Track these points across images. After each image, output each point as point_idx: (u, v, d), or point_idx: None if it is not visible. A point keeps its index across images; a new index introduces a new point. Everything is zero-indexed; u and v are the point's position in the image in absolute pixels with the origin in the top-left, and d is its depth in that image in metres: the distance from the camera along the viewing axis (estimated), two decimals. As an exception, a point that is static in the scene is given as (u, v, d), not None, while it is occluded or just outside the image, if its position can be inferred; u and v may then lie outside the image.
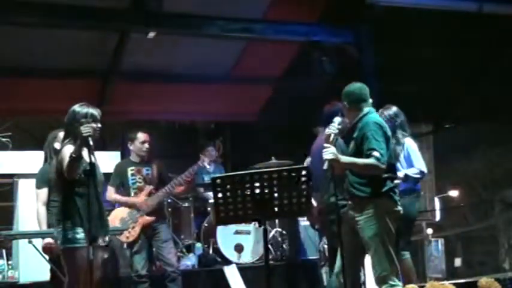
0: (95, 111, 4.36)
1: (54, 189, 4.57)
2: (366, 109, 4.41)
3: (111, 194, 5.91)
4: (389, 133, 4.38)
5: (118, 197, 5.93)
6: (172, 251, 5.90)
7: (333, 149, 4.14)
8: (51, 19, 6.63)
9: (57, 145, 5.39)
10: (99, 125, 4.35)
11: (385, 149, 4.23)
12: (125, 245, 5.87)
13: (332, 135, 4.20)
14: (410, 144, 5.55)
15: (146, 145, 5.91)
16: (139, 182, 5.90)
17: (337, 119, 4.31)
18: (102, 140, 6.15)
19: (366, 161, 4.19)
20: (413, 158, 5.50)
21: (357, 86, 4.50)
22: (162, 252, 5.79)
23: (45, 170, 5.40)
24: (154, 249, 5.93)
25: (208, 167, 6.19)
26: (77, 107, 4.36)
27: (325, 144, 4.16)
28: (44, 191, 5.32)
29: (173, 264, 5.78)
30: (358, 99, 4.43)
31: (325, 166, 4.07)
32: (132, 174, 5.90)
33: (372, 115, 4.39)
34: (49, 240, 5.19)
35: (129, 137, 6.00)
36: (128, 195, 5.91)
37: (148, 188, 5.88)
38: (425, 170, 5.56)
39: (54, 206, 5.14)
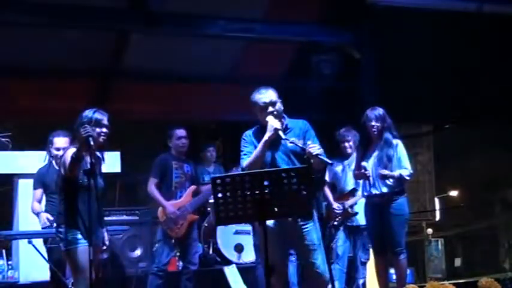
0: (100, 116, 4.34)
1: (56, 191, 4.57)
2: None
3: (151, 185, 5.92)
4: None
5: (156, 194, 5.89)
6: (197, 250, 6.14)
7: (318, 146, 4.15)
8: (51, 19, 6.63)
9: (52, 148, 5.45)
10: (104, 130, 4.34)
11: None
12: (173, 241, 5.92)
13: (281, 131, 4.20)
14: (401, 147, 5.54)
15: (183, 140, 6.04)
16: (181, 178, 6.01)
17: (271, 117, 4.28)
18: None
19: None
20: (403, 160, 5.50)
21: None
22: (188, 251, 5.93)
23: (41, 172, 5.51)
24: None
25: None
26: (85, 112, 4.36)
27: (311, 143, 4.15)
28: (39, 192, 5.47)
29: (196, 264, 5.99)
30: None
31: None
32: (176, 169, 6.01)
33: None
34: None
35: (168, 135, 6.13)
36: (168, 188, 5.95)
37: (193, 187, 6.02)
38: (412, 171, 5.60)
39: (51, 205, 5.22)
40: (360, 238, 6.13)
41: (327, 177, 6.27)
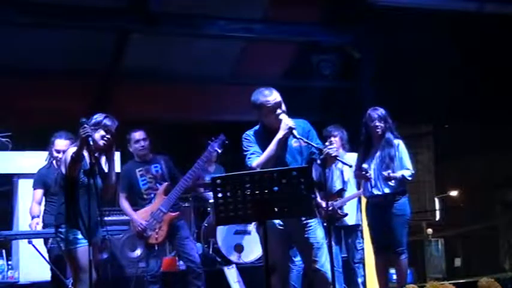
0: (107, 122, 4.36)
1: (57, 191, 4.59)
2: None
3: (121, 200, 5.77)
4: None
5: (126, 209, 5.76)
6: (194, 248, 5.89)
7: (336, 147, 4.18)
8: (51, 19, 6.64)
9: (53, 149, 5.45)
10: (108, 136, 4.34)
11: None
12: (156, 247, 5.74)
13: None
14: (403, 147, 5.53)
15: (141, 143, 5.79)
16: (150, 182, 5.80)
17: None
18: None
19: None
20: (405, 160, 5.49)
21: None
22: (184, 250, 5.74)
23: (42, 172, 5.50)
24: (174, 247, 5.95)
25: (219, 151, 6.03)
26: (94, 116, 4.37)
27: (329, 144, 4.18)
28: (39, 192, 5.43)
29: (197, 261, 5.75)
30: None
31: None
32: (142, 175, 5.80)
33: None
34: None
35: (126, 139, 5.89)
36: (141, 198, 5.79)
37: (164, 185, 5.76)
38: (413, 172, 5.56)
39: (51, 206, 5.21)
40: (350, 238, 6.10)
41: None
